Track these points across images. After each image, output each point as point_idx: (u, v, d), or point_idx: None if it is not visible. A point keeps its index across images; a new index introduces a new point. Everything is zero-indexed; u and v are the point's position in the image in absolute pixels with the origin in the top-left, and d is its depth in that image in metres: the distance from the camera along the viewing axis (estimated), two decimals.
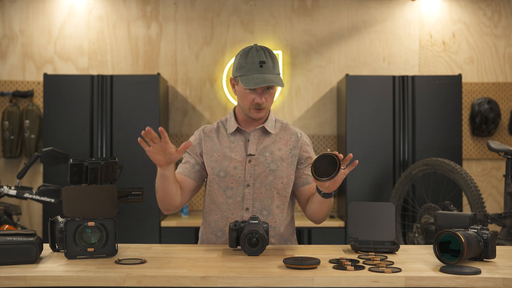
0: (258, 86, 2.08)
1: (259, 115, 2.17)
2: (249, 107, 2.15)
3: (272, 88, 2.16)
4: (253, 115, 2.16)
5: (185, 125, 4.85)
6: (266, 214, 2.17)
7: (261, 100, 2.12)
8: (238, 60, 2.15)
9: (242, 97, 2.16)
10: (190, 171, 2.21)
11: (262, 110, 2.15)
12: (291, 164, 2.20)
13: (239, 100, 2.19)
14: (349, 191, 4.35)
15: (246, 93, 2.14)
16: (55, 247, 1.94)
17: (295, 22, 4.88)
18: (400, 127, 4.38)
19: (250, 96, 2.13)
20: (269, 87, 2.14)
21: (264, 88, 2.12)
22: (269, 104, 2.17)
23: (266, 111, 2.18)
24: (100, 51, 4.84)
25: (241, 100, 2.17)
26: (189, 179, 2.20)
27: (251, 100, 2.13)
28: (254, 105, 2.14)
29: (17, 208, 4.14)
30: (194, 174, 2.21)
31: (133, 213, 4.26)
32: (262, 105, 2.13)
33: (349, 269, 1.65)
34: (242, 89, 2.14)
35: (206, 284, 1.59)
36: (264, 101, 2.13)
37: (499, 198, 4.82)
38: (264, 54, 2.12)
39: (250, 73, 2.09)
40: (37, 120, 4.69)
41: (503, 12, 4.90)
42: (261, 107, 2.14)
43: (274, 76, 2.10)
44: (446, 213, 2.12)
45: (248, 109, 2.16)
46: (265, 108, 2.15)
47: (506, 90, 4.89)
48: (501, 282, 1.58)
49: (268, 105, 2.16)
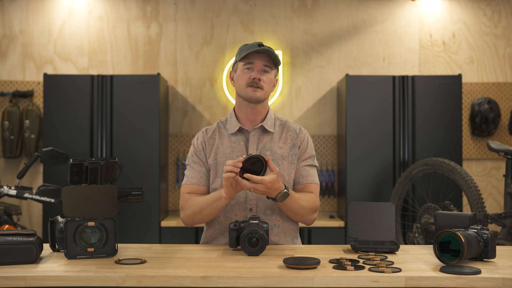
0: (256, 49, 2.11)
1: (255, 94, 2.15)
2: (245, 85, 2.16)
3: (269, 72, 2.18)
4: (249, 93, 2.16)
5: (185, 125, 4.85)
6: (269, 214, 2.17)
7: (258, 75, 2.14)
8: (238, 50, 2.22)
9: (239, 78, 2.18)
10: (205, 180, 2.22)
11: (259, 89, 2.16)
12: (291, 163, 2.20)
13: (237, 84, 2.20)
14: (349, 191, 4.35)
15: (244, 72, 2.16)
16: (55, 247, 1.94)
17: (295, 22, 4.88)
18: (400, 127, 4.38)
19: (247, 74, 2.16)
20: (267, 70, 2.16)
21: (261, 66, 2.15)
22: (266, 86, 2.17)
23: (263, 92, 2.17)
24: (100, 51, 4.84)
25: (239, 81, 2.19)
26: (203, 187, 2.21)
27: (247, 78, 2.15)
28: (251, 82, 2.14)
29: (17, 208, 4.14)
30: (206, 181, 2.22)
31: (133, 213, 4.26)
32: (259, 83, 2.14)
33: (349, 269, 1.65)
34: (240, 70, 2.18)
35: (206, 284, 1.59)
36: (261, 78, 2.15)
37: (499, 198, 4.82)
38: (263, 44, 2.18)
39: (248, 50, 2.14)
40: (37, 120, 4.69)
41: (503, 12, 4.90)
42: (258, 85, 2.14)
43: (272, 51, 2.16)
44: (446, 213, 2.12)
45: (244, 87, 2.16)
46: (261, 88, 2.16)
47: (506, 90, 4.89)
48: (501, 282, 1.58)
49: (265, 85, 2.17)
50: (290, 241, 2.22)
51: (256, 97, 2.16)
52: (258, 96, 2.16)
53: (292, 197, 2.06)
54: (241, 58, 2.16)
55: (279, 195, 2.00)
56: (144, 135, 4.30)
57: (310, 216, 2.17)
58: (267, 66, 2.16)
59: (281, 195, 2.00)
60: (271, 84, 2.20)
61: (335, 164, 4.81)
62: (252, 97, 2.16)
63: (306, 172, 2.21)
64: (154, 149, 4.30)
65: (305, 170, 2.21)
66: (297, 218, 2.18)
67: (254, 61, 2.15)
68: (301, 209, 2.12)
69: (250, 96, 2.16)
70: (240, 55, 2.18)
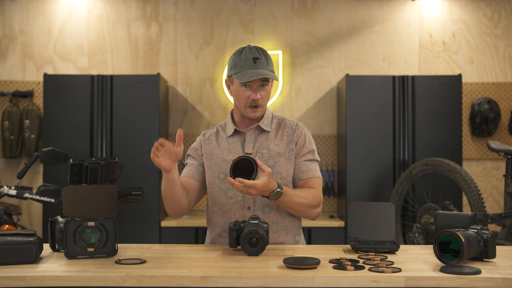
0: (253, 79, 2.10)
1: (255, 115, 2.18)
2: (244, 105, 2.17)
3: (267, 85, 2.17)
4: (249, 114, 2.17)
5: (185, 125, 4.85)
6: (267, 211, 2.17)
7: (256, 96, 2.14)
8: (232, 59, 2.18)
9: (237, 95, 2.18)
10: (194, 173, 2.24)
11: (258, 108, 2.17)
12: (289, 159, 2.20)
13: (235, 100, 2.21)
14: (349, 191, 4.35)
15: (241, 91, 2.16)
16: (55, 247, 1.94)
17: (295, 22, 4.88)
18: (400, 127, 4.38)
19: (245, 94, 2.15)
20: (264, 84, 2.16)
21: (259, 84, 2.14)
22: (264, 101, 2.18)
23: (262, 109, 2.19)
24: (100, 51, 4.84)
25: (237, 99, 2.20)
26: (193, 180, 2.22)
27: (246, 97, 2.15)
28: (249, 102, 2.15)
29: (17, 208, 4.14)
30: (198, 175, 2.23)
31: (133, 213, 4.26)
32: (258, 101, 2.15)
33: (349, 269, 1.65)
34: (237, 87, 2.17)
35: (206, 284, 1.59)
36: (260, 97, 2.15)
37: (499, 198, 4.82)
38: (257, 52, 2.15)
39: (244, 69, 2.12)
40: (37, 120, 4.69)
41: (503, 12, 4.90)
42: (257, 104, 2.15)
43: (268, 71, 2.13)
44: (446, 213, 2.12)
45: (244, 107, 2.17)
46: (260, 106, 2.17)
47: (506, 90, 4.89)
48: (501, 282, 1.58)
49: (263, 102, 2.18)
50: (291, 238, 2.21)
51: (255, 116, 2.19)
52: (257, 115, 2.19)
53: (288, 195, 2.07)
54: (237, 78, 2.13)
55: (272, 194, 2.03)
56: (144, 135, 4.30)
57: (311, 212, 2.17)
58: (265, 80, 2.15)
59: (274, 194, 2.03)
60: (269, 95, 2.22)
61: (335, 164, 4.81)
62: (252, 117, 2.19)
63: (306, 167, 2.21)
64: None
65: (304, 165, 2.22)
66: (298, 214, 2.19)
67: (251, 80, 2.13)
68: (298, 206, 2.12)
69: (250, 116, 2.19)
70: (235, 70, 2.14)
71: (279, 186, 2.04)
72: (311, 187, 2.19)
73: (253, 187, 1.95)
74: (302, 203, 2.12)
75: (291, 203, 2.10)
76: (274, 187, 2.02)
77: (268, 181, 1.98)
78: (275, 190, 2.02)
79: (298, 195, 2.12)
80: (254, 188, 1.95)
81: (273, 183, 2.02)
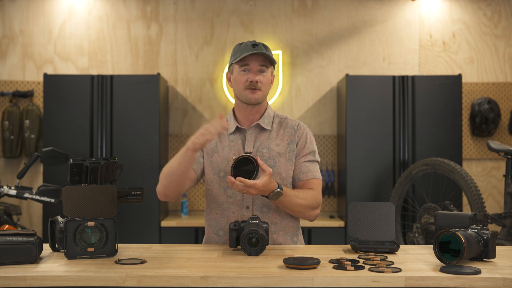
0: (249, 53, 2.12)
1: (254, 96, 2.17)
2: (244, 88, 2.17)
3: (266, 71, 2.18)
4: (248, 96, 2.17)
5: (185, 125, 4.85)
6: (266, 211, 2.17)
7: (254, 78, 2.15)
8: (233, 50, 2.23)
9: (236, 81, 2.20)
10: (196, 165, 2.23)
11: (257, 91, 2.17)
12: (289, 159, 2.20)
13: (235, 88, 2.22)
14: (349, 191, 4.35)
15: (241, 75, 2.18)
16: (55, 247, 1.94)
17: (295, 22, 4.88)
18: (400, 127, 4.38)
19: (244, 77, 2.17)
20: (263, 70, 2.17)
21: (258, 68, 2.16)
22: (264, 86, 2.18)
23: (262, 94, 2.19)
24: (100, 51, 4.84)
25: (236, 84, 2.20)
26: (192, 170, 2.22)
27: (245, 80, 2.16)
28: (248, 84, 2.15)
29: (17, 208, 4.14)
30: (197, 165, 2.23)
31: (133, 213, 4.26)
32: (257, 84, 2.15)
33: (349, 269, 1.65)
34: (237, 74, 2.19)
35: (206, 284, 1.59)
36: (258, 80, 2.16)
37: (499, 198, 4.82)
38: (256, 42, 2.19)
39: (243, 53, 2.15)
40: (37, 120, 4.69)
41: (503, 12, 4.90)
42: (256, 86, 2.15)
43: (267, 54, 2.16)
44: (446, 213, 2.12)
45: (243, 90, 2.18)
46: (260, 90, 2.17)
47: (506, 90, 4.89)
48: (501, 282, 1.58)
49: (263, 87, 2.18)
50: (289, 239, 2.21)
51: (255, 99, 2.17)
52: (257, 98, 2.18)
53: (287, 196, 2.07)
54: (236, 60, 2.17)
55: (272, 194, 2.03)
56: (144, 135, 4.31)
57: (310, 213, 2.17)
58: (263, 66, 2.17)
59: (274, 194, 2.03)
60: (269, 83, 2.22)
61: (335, 164, 4.81)
62: (251, 99, 2.17)
63: (306, 168, 2.21)
64: (154, 149, 4.30)
65: (305, 166, 2.21)
66: (296, 215, 2.19)
67: (250, 62, 2.16)
68: (297, 207, 2.12)
69: (249, 98, 2.17)
70: (235, 56, 2.19)
71: (279, 187, 2.04)
72: (310, 189, 2.18)
73: (253, 186, 1.95)
74: (302, 204, 2.12)
75: (290, 203, 2.10)
76: (274, 187, 2.03)
77: (269, 181, 1.99)
78: (275, 190, 2.03)
79: (298, 196, 2.12)
80: (254, 188, 1.96)
81: (273, 183, 2.02)
